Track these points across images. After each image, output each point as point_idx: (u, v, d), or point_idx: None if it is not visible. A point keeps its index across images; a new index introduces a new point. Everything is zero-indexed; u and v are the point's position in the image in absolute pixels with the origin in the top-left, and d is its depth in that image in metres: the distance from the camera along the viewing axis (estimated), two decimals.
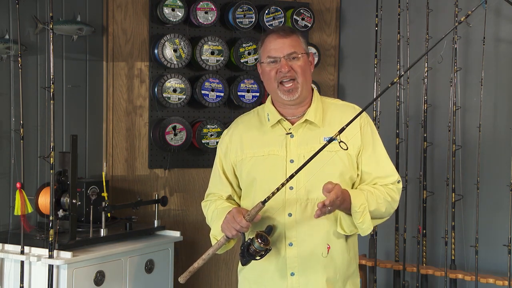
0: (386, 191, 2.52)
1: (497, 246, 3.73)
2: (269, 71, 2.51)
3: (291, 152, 2.51)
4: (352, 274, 2.60)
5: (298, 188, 2.47)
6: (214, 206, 2.62)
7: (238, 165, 2.60)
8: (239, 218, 2.37)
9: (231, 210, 2.44)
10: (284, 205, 2.48)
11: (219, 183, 2.66)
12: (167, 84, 3.84)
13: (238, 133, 2.62)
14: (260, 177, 2.52)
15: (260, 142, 2.56)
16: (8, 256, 3.19)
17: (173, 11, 3.84)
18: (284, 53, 2.49)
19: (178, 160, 3.99)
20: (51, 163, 3.08)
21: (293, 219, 2.49)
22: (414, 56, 3.91)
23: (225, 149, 2.64)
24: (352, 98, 4.08)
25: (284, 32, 2.52)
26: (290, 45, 2.50)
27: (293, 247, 2.50)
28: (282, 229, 2.49)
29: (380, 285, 4.15)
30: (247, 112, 2.72)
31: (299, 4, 4.19)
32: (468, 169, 3.83)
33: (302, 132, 2.53)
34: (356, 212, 2.42)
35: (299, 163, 2.44)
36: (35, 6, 3.52)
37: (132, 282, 3.36)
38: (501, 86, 3.88)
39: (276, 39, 2.51)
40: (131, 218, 3.54)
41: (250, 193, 2.56)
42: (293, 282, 2.51)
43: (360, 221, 2.43)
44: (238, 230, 2.39)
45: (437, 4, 3.96)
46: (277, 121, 2.55)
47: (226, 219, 2.43)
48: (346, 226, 2.47)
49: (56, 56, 3.48)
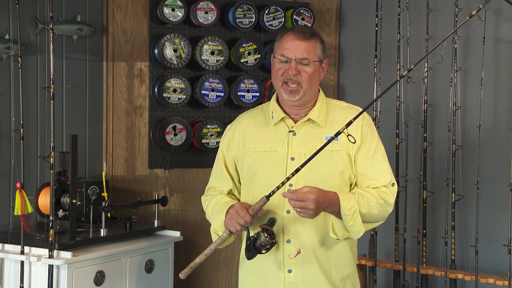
0: (378, 194, 2.51)
1: (497, 246, 3.73)
2: (278, 69, 2.53)
3: (292, 150, 2.52)
4: (350, 273, 2.60)
5: (298, 185, 2.48)
6: (215, 201, 2.63)
7: (240, 159, 2.61)
8: (243, 213, 2.38)
9: (234, 205, 2.45)
10: (283, 202, 2.49)
11: (220, 177, 2.68)
12: (167, 84, 3.84)
13: (241, 128, 2.65)
14: (261, 172, 2.54)
15: (263, 138, 2.58)
16: (8, 256, 3.19)
17: (173, 11, 3.84)
18: (296, 56, 2.49)
19: (178, 160, 3.99)
20: (51, 163, 3.08)
21: (291, 216, 2.50)
22: (414, 56, 3.92)
23: (228, 143, 2.66)
24: (352, 98, 4.09)
25: (303, 35, 2.51)
26: (305, 50, 2.50)
27: (291, 244, 2.51)
28: (280, 226, 2.50)
29: (380, 285, 4.15)
30: (251, 108, 2.74)
31: (299, 4, 4.19)
32: (468, 169, 3.83)
33: (305, 131, 2.55)
34: (346, 215, 2.41)
35: (300, 161, 2.46)
36: (35, 6, 3.52)
37: (132, 282, 3.36)
38: (501, 86, 3.88)
39: (293, 40, 2.51)
40: (131, 218, 3.54)
41: (250, 188, 2.58)
42: (291, 278, 2.52)
43: (351, 224, 2.43)
44: (243, 224, 2.40)
45: (437, 4, 3.96)
46: (280, 119, 2.57)
47: (230, 214, 2.44)
48: (337, 230, 2.47)
49: (56, 56, 3.48)
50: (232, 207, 2.45)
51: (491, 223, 3.84)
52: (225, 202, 2.58)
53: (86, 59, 3.78)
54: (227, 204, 2.54)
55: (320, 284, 2.52)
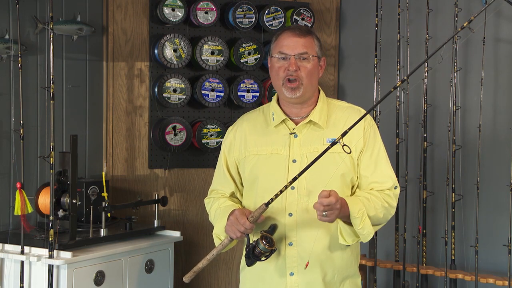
0: (382, 197, 2.51)
1: (497, 246, 3.73)
2: (277, 68, 2.52)
3: (294, 152, 2.52)
4: (352, 274, 2.60)
5: (300, 188, 2.47)
6: (217, 205, 2.62)
7: (242, 162, 2.61)
8: (243, 220, 2.38)
9: (234, 212, 2.44)
10: (285, 205, 2.48)
11: (223, 180, 2.67)
12: (167, 84, 3.84)
13: (243, 130, 2.64)
14: (262, 175, 2.53)
15: (264, 141, 2.57)
16: (8, 256, 3.19)
17: (173, 11, 3.84)
18: (295, 52, 2.49)
19: (178, 160, 3.99)
20: (51, 163, 3.08)
21: (293, 219, 2.49)
22: (414, 56, 3.92)
23: (229, 146, 2.66)
24: (352, 98, 4.09)
25: (300, 31, 2.52)
26: (303, 45, 2.50)
27: (293, 247, 2.50)
28: (282, 228, 2.50)
29: (380, 285, 4.15)
30: (252, 110, 2.74)
31: (299, 4, 4.19)
32: (468, 169, 3.83)
33: (306, 133, 2.54)
34: (355, 218, 2.40)
35: (302, 163, 2.46)
36: (35, 6, 3.52)
37: (132, 282, 3.36)
38: (501, 86, 3.88)
39: (290, 37, 2.51)
40: (131, 218, 3.54)
41: (252, 190, 2.57)
42: (292, 282, 2.51)
43: (361, 227, 2.42)
44: (243, 232, 2.40)
45: (437, 4, 3.96)
46: (281, 121, 2.56)
47: (230, 221, 2.44)
48: (347, 236, 2.46)
49: (56, 56, 3.48)
50: (232, 213, 2.45)
51: (491, 223, 3.84)
52: (226, 206, 2.58)
53: (86, 59, 3.78)
54: (229, 208, 2.53)
55: (321, 286, 2.51)
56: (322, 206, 2.30)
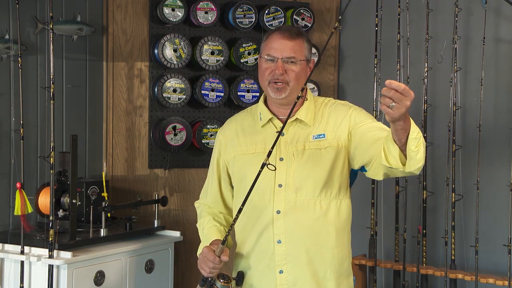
0: None
1: (497, 246, 3.73)
2: (264, 69, 2.52)
3: (281, 150, 2.52)
4: (345, 272, 2.58)
5: (287, 186, 2.47)
6: (202, 222, 2.69)
7: (231, 162, 2.62)
8: (212, 257, 2.44)
9: (203, 250, 2.49)
10: (272, 202, 2.49)
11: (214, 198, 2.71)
12: (167, 84, 3.85)
13: (231, 130, 2.66)
14: (250, 174, 2.50)
15: (251, 140, 2.58)
16: (8, 256, 3.19)
17: (173, 11, 3.84)
18: (283, 55, 2.48)
19: (178, 160, 3.99)
20: (51, 163, 3.08)
21: (281, 217, 2.48)
22: (414, 56, 3.92)
23: (219, 147, 2.68)
24: (352, 98, 4.08)
25: (289, 34, 2.50)
26: (292, 49, 2.49)
27: (281, 245, 2.49)
28: (270, 226, 2.49)
29: (380, 285, 4.15)
30: (240, 111, 2.74)
31: (299, 4, 4.19)
32: (468, 169, 3.83)
33: (293, 131, 2.54)
34: (413, 139, 2.17)
35: (289, 161, 2.48)
36: (35, 6, 3.52)
37: (132, 282, 3.36)
38: (501, 86, 3.88)
39: (279, 39, 2.50)
40: (131, 218, 3.54)
41: (241, 190, 2.57)
42: (282, 279, 2.50)
43: (416, 149, 2.18)
44: (212, 268, 2.46)
45: (437, 4, 3.96)
46: (268, 120, 2.57)
47: (199, 259, 2.50)
48: (392, 158, 2.24)
49: (56, 56, 3.48)
50: (202, 251, 2.49)
51: (491, 223, 3.84)
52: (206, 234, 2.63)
53: (86, 59, 3.78)
54: (207, 239, 2.59)
55: (313, 284, 2.50)
56: (392, 91, 1.99)
